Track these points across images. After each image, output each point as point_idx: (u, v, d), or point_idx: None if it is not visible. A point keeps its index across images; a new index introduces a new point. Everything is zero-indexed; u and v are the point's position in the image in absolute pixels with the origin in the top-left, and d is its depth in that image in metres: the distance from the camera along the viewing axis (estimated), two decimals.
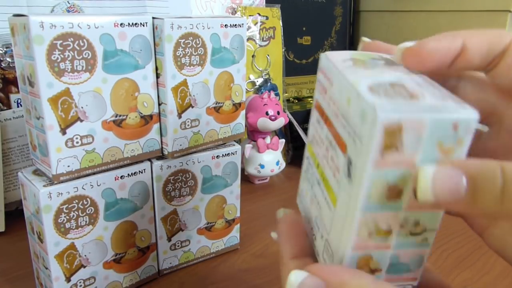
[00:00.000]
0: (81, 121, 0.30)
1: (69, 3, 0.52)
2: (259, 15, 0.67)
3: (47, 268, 0.32)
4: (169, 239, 0.39)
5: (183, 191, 0.38)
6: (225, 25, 0.36)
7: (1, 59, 0.46)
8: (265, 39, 0.67)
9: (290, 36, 0.76)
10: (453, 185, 0.15)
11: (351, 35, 0.90)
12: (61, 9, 0.52)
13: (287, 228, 0.22)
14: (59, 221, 0.31)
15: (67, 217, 0.31)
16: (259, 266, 0.41)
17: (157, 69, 0.34)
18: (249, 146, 0.59)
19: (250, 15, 0.66)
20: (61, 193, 0.30)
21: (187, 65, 0.34)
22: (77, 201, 0.31)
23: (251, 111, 0.57)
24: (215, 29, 0.35)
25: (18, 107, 0.47)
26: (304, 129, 0.66)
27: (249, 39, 0.65)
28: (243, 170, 0.60)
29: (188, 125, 0.36)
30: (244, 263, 0.42)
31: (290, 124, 0.67)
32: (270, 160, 0.59)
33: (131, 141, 0.34)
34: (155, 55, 0.33)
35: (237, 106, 0.39)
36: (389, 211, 0.17)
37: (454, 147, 0.15)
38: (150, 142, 0.35)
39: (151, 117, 0.34)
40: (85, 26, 0.29)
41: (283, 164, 0.61)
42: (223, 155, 0.39)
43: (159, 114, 0.35)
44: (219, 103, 0.38)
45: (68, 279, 0.33)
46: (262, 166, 0.58)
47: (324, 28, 0.84)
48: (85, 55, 0.29)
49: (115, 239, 0.34)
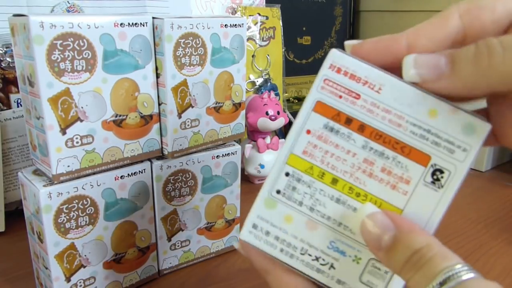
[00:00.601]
0: (81, 121, 0.30)
1: (69, 3, 0.52)
2: (259, 15, 0.67)
3: (47, 268, 0.32)
4: (169, 239, 0.39)
5: (183, 191, 0.38)
6: (225, 25, 0.36)
7: (1, 59, 0.46)
8: (265, 39, 0.67)
9: (290, 36, 0.76)
10: (434, 61, 0.17)
11: (351, 35, 0.90)
12: (61, 9, 0.52)
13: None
14: (59, 221, 0.31)
15: (67, 217, 0.31)
16: None
17: (157, 69, 0.34)
18: (249, 146, 0.59)
19: (250, 15, 0.66)
20: (61, 193, 0.30)
21: (187, 65, 0.34)
22: (77, 201, 0.31)
23: (251, 111, 0.57)
24: (215, 29, 0.35)
25: (18, 107, 0.47)
26: None
27: (249, 39, 0.65)
28: (243, 170, 0.60)
29: (188, 125, 0.36)
30: (244, 263, 0.42)
31: (290, 124, 0.67)
32: (270, 160, 0.59)
33: (131, 141, 0.34)
34: (155, 55, 0.33)
35: (237, 106, 0.39)
36: None
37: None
38: (150, 142, 0.35)
39: (151, 117, 0.34)
40: (85, 26, 0.29)
41: None
42: (223, 155, 0.39)
43: (159, 114, 0.35)
44: (219, 103, 0.38)
45: (68, 279, 0.33)
46: (262, 166, 0.58)
47: (324, 28, 0.84)
48: (85, 55, 0.29)
49: (115, 239, 0.34)
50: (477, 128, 0.18)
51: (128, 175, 0.34)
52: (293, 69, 0.79)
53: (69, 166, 0.30)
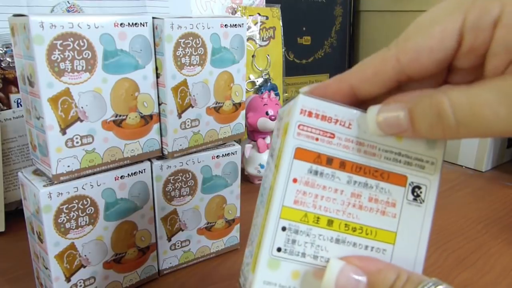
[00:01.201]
0: (81, 121, 0.30)
1: (69, 3, 0.52)
2: (259, 15, 0.67)
3: (47, 268, 0.32)
4: (169, 239, 0.39)
5: (183, 191, 0.38)
6: (225, 25, 0.36)
7: (1, 59, 0.46)
8: (265, 39, 0.67)
9: (290, 36, 0.76)
10: (393, 120, 0.18)
11: (351, 35, 0.90)
12: (61, 9, 0.52)
13: None
14: (59, 221, 0.31)
15: (67, 217, 0.31)
16: None
17: (157, 69, 0.34)
18: (249, 146, 0.59)
19: (250, 15, 0.66)
20: (61, 193, 0.30)
21: (187, 65, 0.34)
22: (77, 201, 0.31)
23: (251, 111, 0.57)
24: (215, 29, 0.35)
25: (18, 107, 0.47)
26: None
27: (249, 39, 0.65)
28: (243, 170, 0.60)
29: (188, 125, 0.36)
30: None
31: None
32: None
33: (131, 141, 0.34)
34: (155, 55, 0.33)
35: (237, 106, 0.39)
36: None
37: None
38: (150, 142, 0.35)
39: (151, 117, 0.34)
40: (85, 26, 0.29)
41: None
42: (223, 155, 0.39)
43: (159, 114, 0.35)
44: (219, 103, 0.38)
45: (68, 279, 0.33)
46: (262, 166, 0.58)
47: (324, 28, 0.84)
48: (85, 55, 0.29)
49: (115, 239, 0.34)
50: (437, 142, 0.20)
51: (128, 175, 0.34)
52: (293, 69, 0.79)
53: (69, 166, 0.30)
